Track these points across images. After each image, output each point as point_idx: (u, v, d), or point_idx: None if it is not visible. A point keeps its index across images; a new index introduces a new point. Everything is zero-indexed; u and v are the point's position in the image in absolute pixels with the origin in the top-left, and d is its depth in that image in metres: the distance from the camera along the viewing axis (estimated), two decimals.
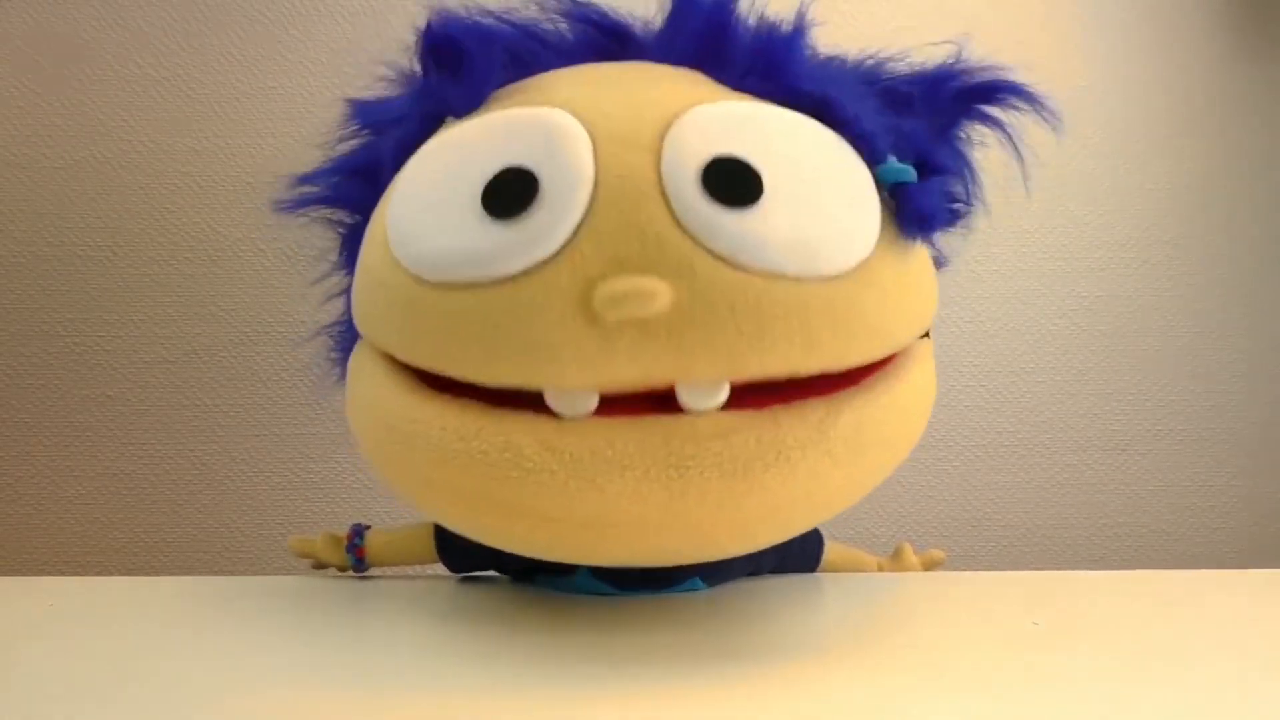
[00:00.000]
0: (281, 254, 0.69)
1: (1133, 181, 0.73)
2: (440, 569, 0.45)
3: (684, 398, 0.29)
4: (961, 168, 0.38)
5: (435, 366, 0.31)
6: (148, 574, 0.66)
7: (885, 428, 0.31)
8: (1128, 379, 0.74)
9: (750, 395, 0.30)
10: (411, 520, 0.45)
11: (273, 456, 0.69)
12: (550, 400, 0.30)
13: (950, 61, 0.37)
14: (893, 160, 0.32)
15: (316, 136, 0.68)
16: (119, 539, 0.68)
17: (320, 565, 0.47)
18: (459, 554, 0.43)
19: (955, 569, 0.72)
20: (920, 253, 0.35)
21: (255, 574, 0.66)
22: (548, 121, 0.31)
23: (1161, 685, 0.31)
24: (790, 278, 0.29)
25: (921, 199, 0.32)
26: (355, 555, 0.45)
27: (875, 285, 0.31)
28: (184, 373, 0.68)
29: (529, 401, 0.30)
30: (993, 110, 0.38)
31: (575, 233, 0.29)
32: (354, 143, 0.40)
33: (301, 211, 0.41)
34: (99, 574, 0.67)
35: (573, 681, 0.31)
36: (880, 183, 0.32)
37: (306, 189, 0.40)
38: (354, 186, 0.37)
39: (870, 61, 0.38)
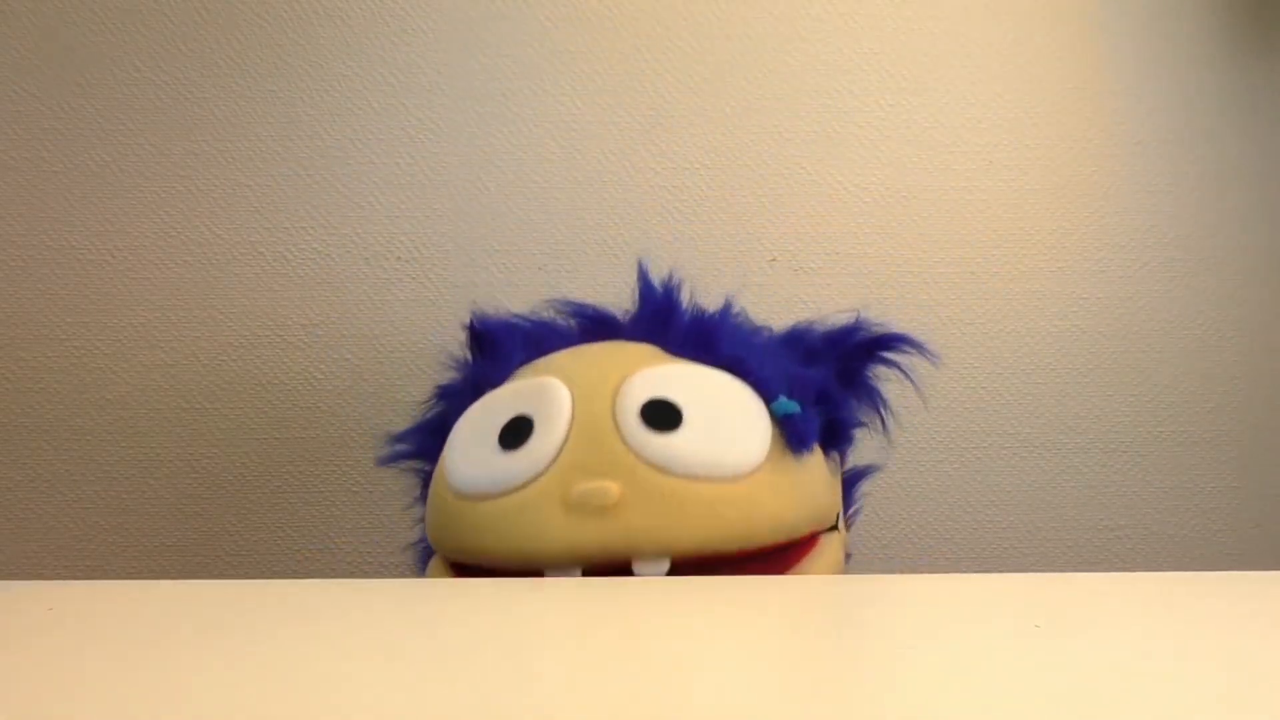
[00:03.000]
0: (280, 258, 0.69)
1: (1132, 183, 0.73)
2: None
3: (637, 570, 0.42)
4: (866, 397, 0.53)
5: (468, 558, 0.45)
6: (147, 578, 0.66)
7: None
8: (1128, 381, 0.74)
9: (689, 570, 0.41)
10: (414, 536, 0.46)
11: (272, 460, 0.69)
12: (549, 575, 0.42)
13: (852, 323, 0.52)
14: (782, 399, 0.45)
15: (314, 141, 0.69)
16: (118, 543, 0.68)
17: None
18: None
19: (955, 571, 0.72)
20: (812, 466, 0.46)
21: (255, 578, 0.66)
22: (542, 385, 0.46)
23: (1162, 688, 0.31)
24: (703, 479, 0.42)
25: (800, 425, 0.45)
26: None
27: (768, 485, 0.43)
28: (183, 376, 0.68)
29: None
30: (889, 354, 0.52)
31: (558, 454, 0.43)
32: (432, 410, 0.54)
33: (395, 464, 0.55)
34: (98, 578, 0.67)
35: (569, 678, 0.31)
36: (774, 416, 0.45)
37: (400, 446, 0.54)
38: (431, 442, 0.51)
39: (799, 328, 0.53)
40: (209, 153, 0.69)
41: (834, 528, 0.48)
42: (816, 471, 0.47)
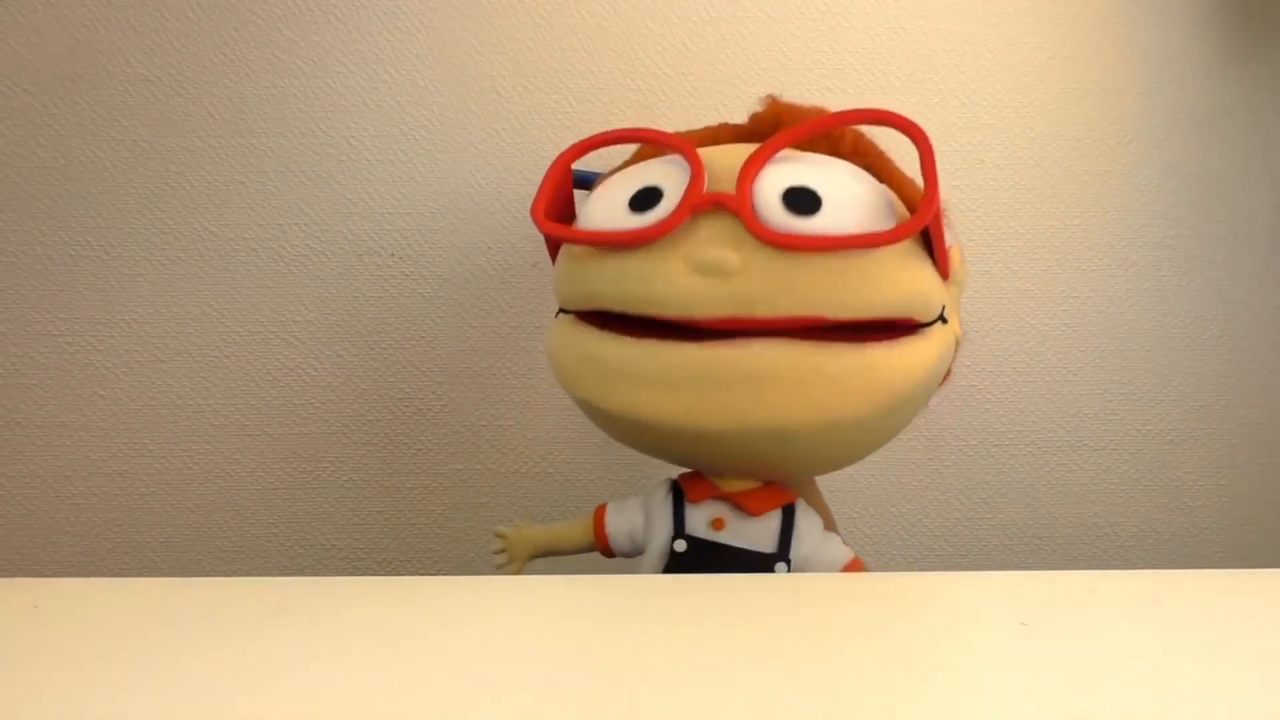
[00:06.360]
0: (274, 254, 0.69)
1: (1122, 183, 0.74)
2: (433, 568, 0.45)
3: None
4: None
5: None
6: (138, 575, 0.66)
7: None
8: (1118, 379, 0.74)
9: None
10: (415, 510, 0.46)
11: (265, 456, 0.69)
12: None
13: None
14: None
15: (308, 137, 0.69)
16: (110, 540, 0.68)
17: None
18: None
19: (945, 569, 0.73)
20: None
21: (247, 575, 0.66)
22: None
23: (1150, 686, 0.31)
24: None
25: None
26: None
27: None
28: (176, 372, 0.68)
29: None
30: None
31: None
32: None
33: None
34: (89, 575, 0.67)
35: (568, 678, 0.31)
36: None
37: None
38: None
39: None
40: (202, 149, 0.68)
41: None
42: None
